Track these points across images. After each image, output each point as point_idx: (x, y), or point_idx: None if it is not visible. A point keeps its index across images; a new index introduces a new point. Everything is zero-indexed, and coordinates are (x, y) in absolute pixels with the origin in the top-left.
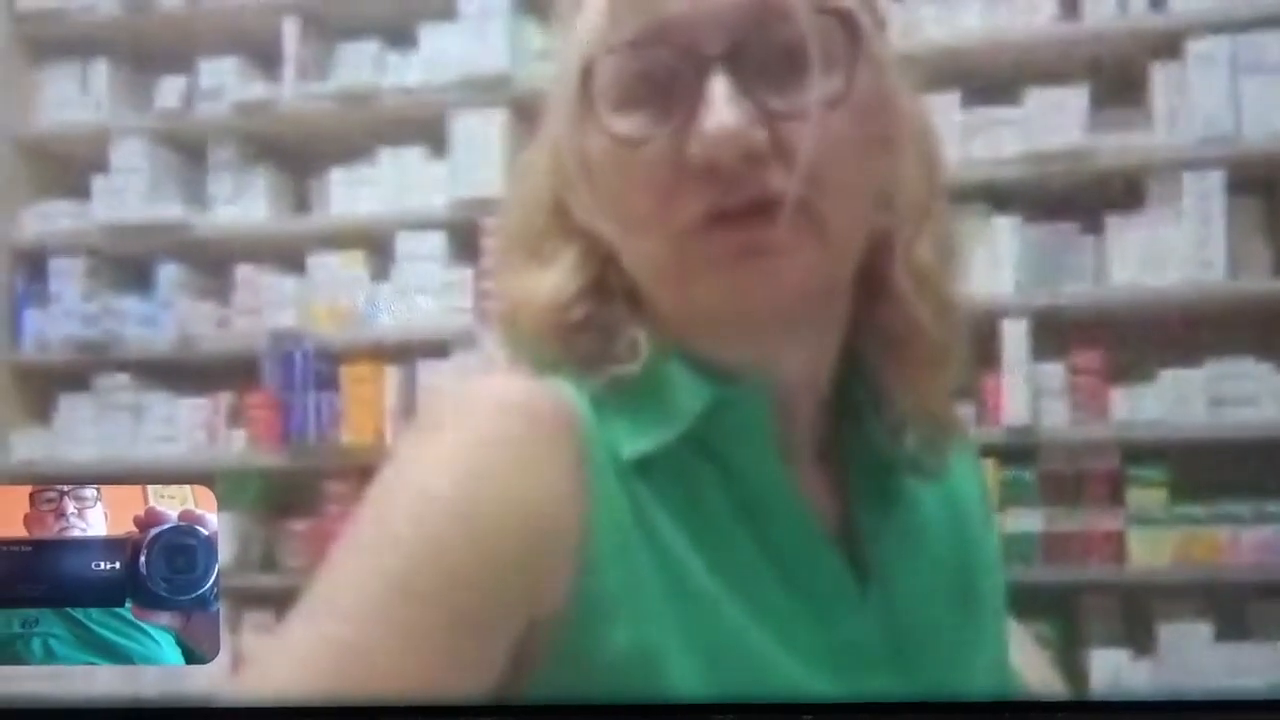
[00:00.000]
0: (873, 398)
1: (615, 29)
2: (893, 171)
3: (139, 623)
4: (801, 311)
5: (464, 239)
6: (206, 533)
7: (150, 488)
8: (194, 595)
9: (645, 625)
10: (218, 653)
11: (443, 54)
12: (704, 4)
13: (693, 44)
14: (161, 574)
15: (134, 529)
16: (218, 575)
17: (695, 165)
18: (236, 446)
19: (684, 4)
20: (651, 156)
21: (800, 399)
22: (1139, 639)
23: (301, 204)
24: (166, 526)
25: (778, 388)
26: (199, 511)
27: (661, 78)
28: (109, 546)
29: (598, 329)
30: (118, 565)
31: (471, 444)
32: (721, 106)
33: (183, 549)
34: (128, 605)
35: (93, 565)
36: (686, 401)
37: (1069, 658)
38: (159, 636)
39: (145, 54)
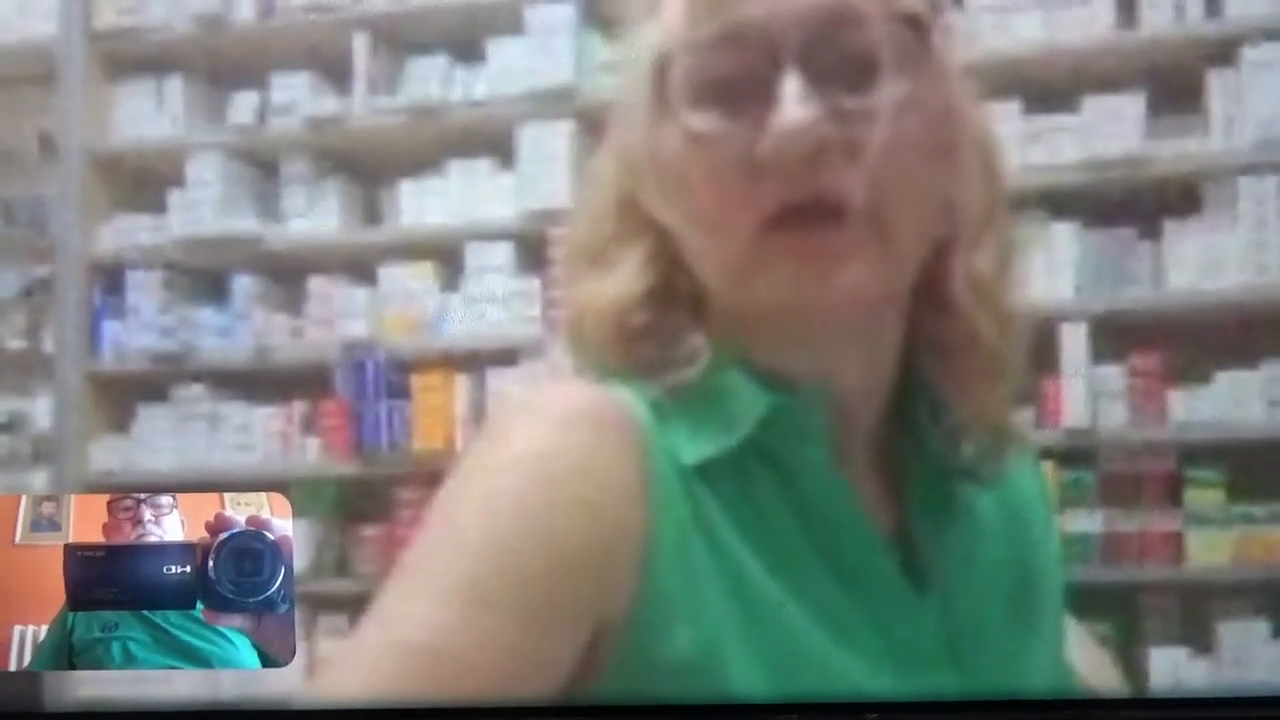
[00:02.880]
0: (930, 406)
1: (693, 28)
2: (954, 180)
3: (215, 625)
4: (861, 316)
5: (532, 249)
6: (273, 537)
7: (227, 495)
8: (261, 598)
9: (707, 627)
10: (293, 656)
11: (510, 67)
12: (780, 6)
13: (767, 44)
14: (229, 577)
15: (205, 534)
16: (285, 578)
17: (765, 162)
18: (310, 454)
19: (761, 6)
20: (723, 153)
21: (858, 407)
22: (1198, 637)
23: (372, 216)
24: (234, 531)
25: (836, 396)
26: (265, 516)
27: (736, 76)
28: (180, 551)
29: (660, 335)
30: (188, 569)
31: (538, 451)
32: (792, 104)
33: (250, 553)
34: (199, 607)
35: (164, 569)
36: (746, 408)
37: (1129, 656)
38: (236, 639)
39: (219, 70)
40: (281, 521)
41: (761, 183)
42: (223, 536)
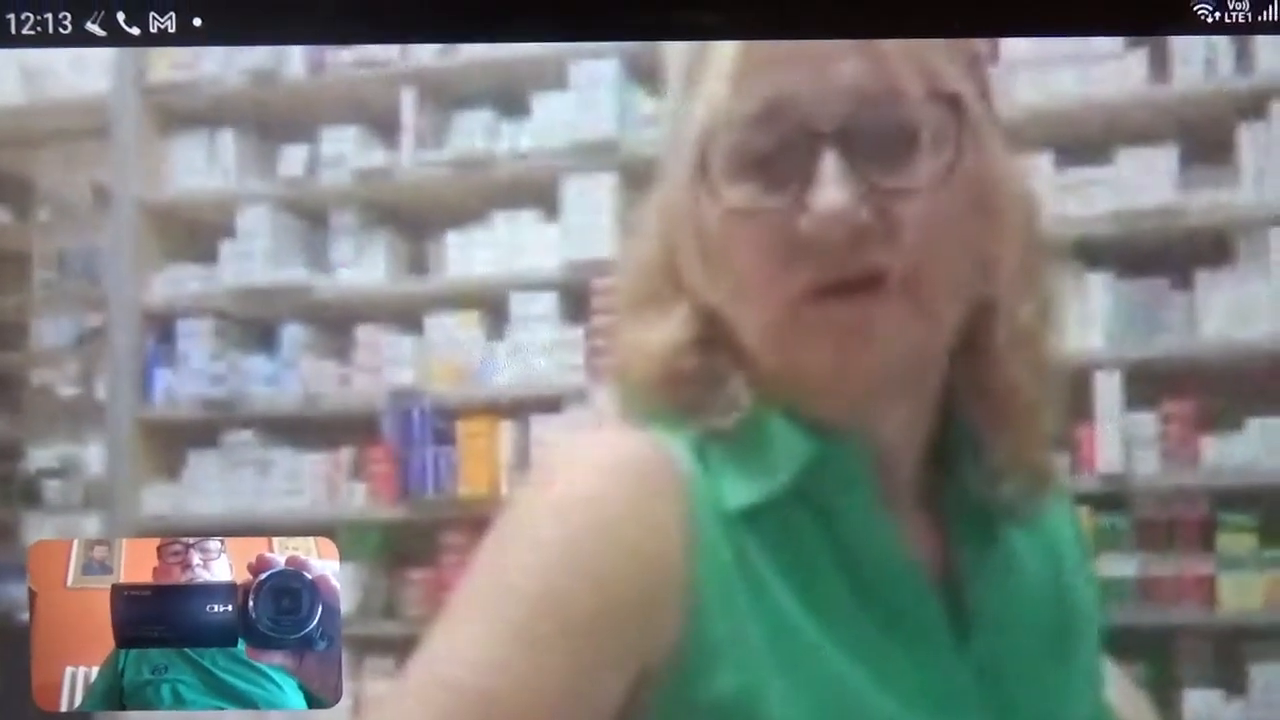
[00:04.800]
0: (970, 447)
1: (735, 104)
2: (994, 240)
3: (261, 667)
4: (901, 379)
5: (576, 299)
6: (311, 576)
7: (275, 540)
8: (300, 634)
9: (749, 670)
10: (339, 696)
11: (554, 121)
12: (819, 84)
13: (807, 121)
14: (269, 614)
15: (249, 575)
16: (325, 616)
17: (803, 240)
18: (358, 499)
19: (801, 83)
20: (762, 228)
21: (900, 451)
22: (1231, 680)
23: (419, 266)
24: (274, 570)
25: (878, 441)
26: (305, 557)
27: (775, 151)
28: (223, 590)
29: (704, 381)
30: (230, 608)
31: (584, 496)
32: (831, 185)
33: (288, 591)
34: (241, 645)
35: (208, 608)
36: (789, 455)
37: (1164, 698)
38: (282, 681)
39: (270, 124)
40: (324, 563)
41: (800, 259)
42: (262, 576)
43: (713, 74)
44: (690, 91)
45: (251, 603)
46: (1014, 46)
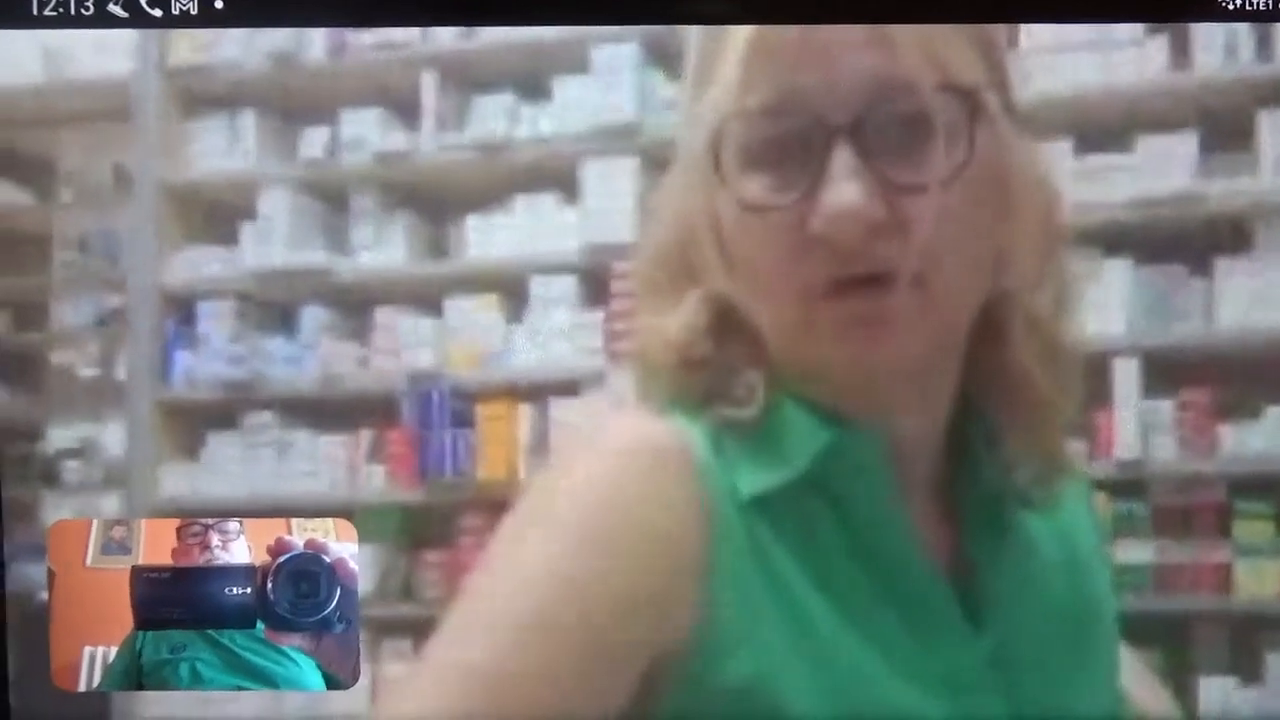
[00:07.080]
0: (985, 435)
1: (746, 96)
2: (1010, 228)
3: (279, 646)
4: (917, 373)
5: (595, 283)
6: (329, 560)
7: (294, 521)
8: (318, 617)
9: (764, 655)
10: (356, 677)
11: (575, 105)
12: (832, 76)
13: (819, 114)
14: (287, 597)
15: (268, 558)
16: (343, 599)
17: (815, 237)
18: (376, 482)
19: (813, 75)
20: (774, 225)
21: (916, 442)
22: (1246, 667)
23: (439, 249)
24: (292, 554)
25: (894, 432)
26: (324, 540)
27: (788, 144)
28: (241, 573)
29: (720, 369)
30: (249, 590)
31: (600, 481)
32: (843, 182)
33: (307, 574)
34: (259, 627)
35: (226, 590)
36: (804, 443)
37: (1179, 685)
38: (301, 660)
39: (290, 106)
40: (342, 546)
41: (812, 256)
42: (281, 559)
43: (725, 65)
44: (703, 82)
45: (270, 586)
46: (1034, 33)
